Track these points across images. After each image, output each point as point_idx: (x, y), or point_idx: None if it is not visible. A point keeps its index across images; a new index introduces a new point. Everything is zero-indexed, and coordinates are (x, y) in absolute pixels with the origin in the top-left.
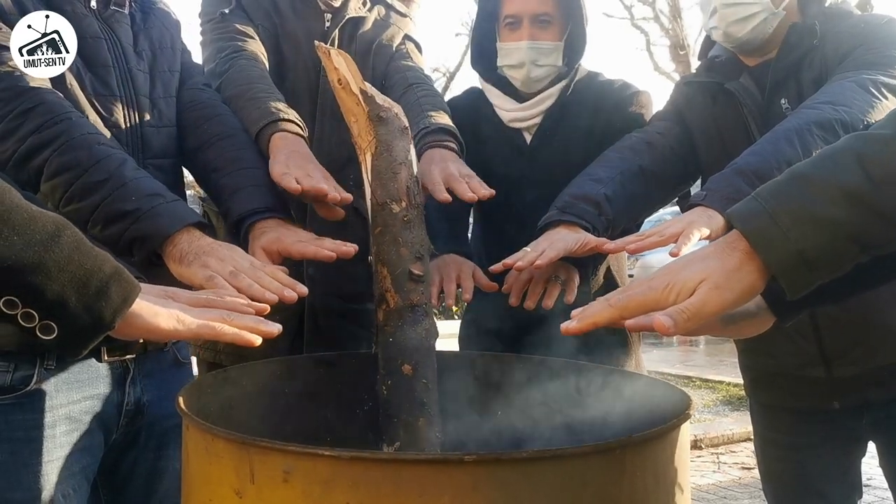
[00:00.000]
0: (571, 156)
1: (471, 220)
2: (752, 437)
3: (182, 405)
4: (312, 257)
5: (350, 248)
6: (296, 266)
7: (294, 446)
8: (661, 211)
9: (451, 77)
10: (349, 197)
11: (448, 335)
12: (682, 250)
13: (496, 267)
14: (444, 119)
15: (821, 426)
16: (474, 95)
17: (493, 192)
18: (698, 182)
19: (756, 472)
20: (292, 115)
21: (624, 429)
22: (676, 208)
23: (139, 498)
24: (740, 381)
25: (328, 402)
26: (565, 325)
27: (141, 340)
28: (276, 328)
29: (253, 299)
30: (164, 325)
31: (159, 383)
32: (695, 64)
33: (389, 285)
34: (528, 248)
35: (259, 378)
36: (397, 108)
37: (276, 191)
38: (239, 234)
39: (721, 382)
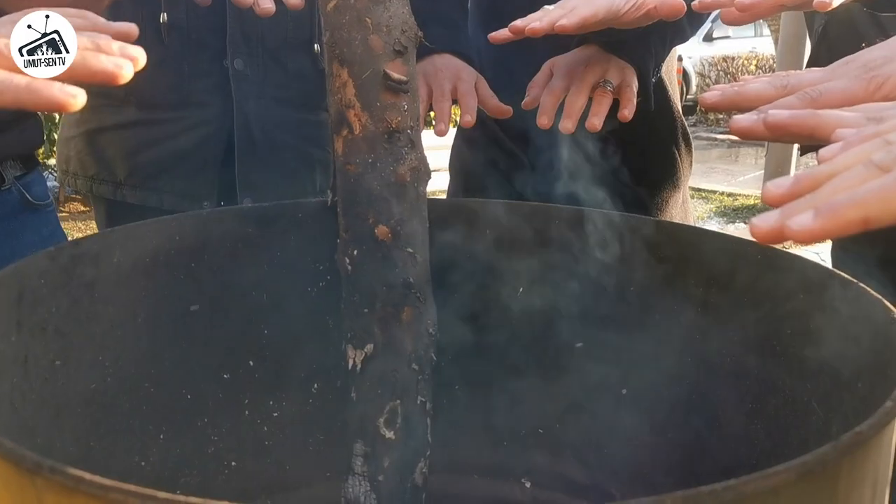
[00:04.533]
0: None
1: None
2: None
3: None
4: None
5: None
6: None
7: (109, 483)
8: None
9: None
10: None
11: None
12: None
13: (498, 34)
14: None
15: None
16: None
17: None
18: None
19: None
20: None
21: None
22: None
23: None
24: (734, 189)
25: (259, 284)
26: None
27: None
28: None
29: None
30: None
31: (1, 237)
32: None
33: (353, 98)
34: (549, 7)
35: (144, 247)
36: None
37: None
38: None
39: (714, 192)
